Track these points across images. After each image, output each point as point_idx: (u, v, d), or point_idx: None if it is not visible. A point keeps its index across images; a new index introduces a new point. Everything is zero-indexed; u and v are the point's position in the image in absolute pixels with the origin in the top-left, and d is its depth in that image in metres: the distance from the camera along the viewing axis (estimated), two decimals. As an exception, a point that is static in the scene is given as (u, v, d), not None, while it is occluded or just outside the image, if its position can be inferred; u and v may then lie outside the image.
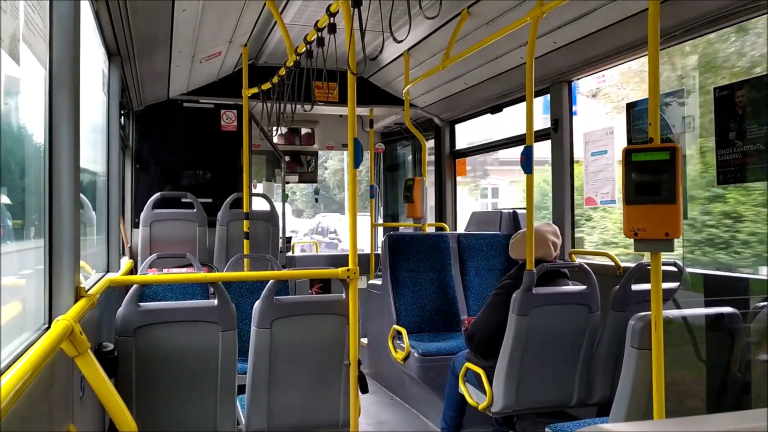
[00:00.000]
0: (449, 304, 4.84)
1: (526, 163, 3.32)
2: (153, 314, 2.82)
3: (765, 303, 2.69)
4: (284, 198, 6.90)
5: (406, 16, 2.91)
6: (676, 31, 3.47)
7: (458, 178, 6.81)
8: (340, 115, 7.20)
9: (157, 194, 5.61)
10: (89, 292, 2.23)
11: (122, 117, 4.96)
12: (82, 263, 2.31)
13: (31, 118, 1.96)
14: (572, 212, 4.67)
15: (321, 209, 23.03)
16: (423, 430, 4.44)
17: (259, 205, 6.01)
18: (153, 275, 3.76)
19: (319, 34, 3.56)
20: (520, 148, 3.37)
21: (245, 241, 5.12)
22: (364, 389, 3.09)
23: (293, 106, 4.34)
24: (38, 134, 1.98)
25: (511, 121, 5.64)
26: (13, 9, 1.54)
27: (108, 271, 4.00)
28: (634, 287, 3.24)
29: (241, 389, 3.05)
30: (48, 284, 2.01)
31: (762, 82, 3.06)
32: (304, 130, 7.86)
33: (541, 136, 4.77)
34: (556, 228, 3.63)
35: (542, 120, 4.94)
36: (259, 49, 5.65)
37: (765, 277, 3.33)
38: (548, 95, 4.77)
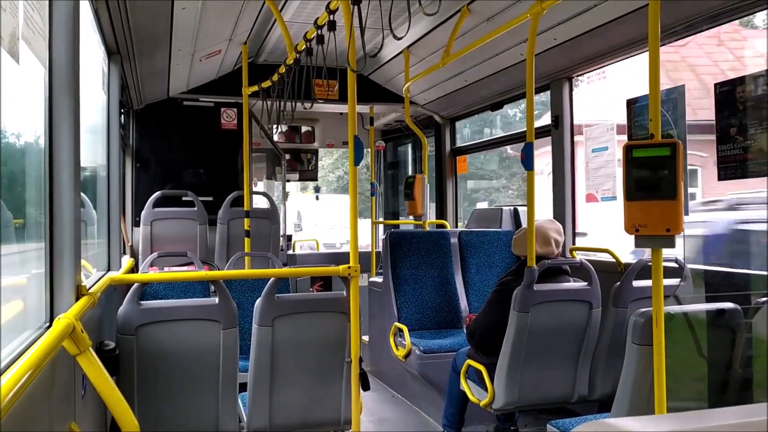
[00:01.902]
0: (450, 301, 4.85)
1: (527, 159, 3.32)
2: (154, 312, 2.82)
3: (766, 299, 2.68)
4: (285, 197, 6.90)
5: (406, 13, 2.90)
6: (677, 27, 3.46)
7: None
8: (341, 113, 7.19)
9: (158, 193, 5.62)
10: (90, 291, 2.24)
11: (122, 115, 4.96)
12: (83, 262, 2.31)
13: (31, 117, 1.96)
14: (573, 209, 4.67)
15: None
16: (424, 428, 4.44)
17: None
18: (154, 273, 3.76)
19: (319, 31, 3.55)
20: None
21: (246, 239, 5.12)
22: (366, 387, 3.10)
23: (293, 104, 4.34)
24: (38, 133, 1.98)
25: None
26: (13, 7, 1.53)
27: (109, 270, 4.00)
28: (635, 283, 3.24)
29: (243, 387, 3.05)
30: (49, 282, 2.01)
31: (763, 78, 3.05)
32: (304, 128, 7.86)
33: (541, 132, 4.77)
34: (560, 225, 3.62)
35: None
36: (259, 47, 5.65)
37: (766, 273, 3.32)
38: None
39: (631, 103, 3.91)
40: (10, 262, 1.75)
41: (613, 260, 4.01)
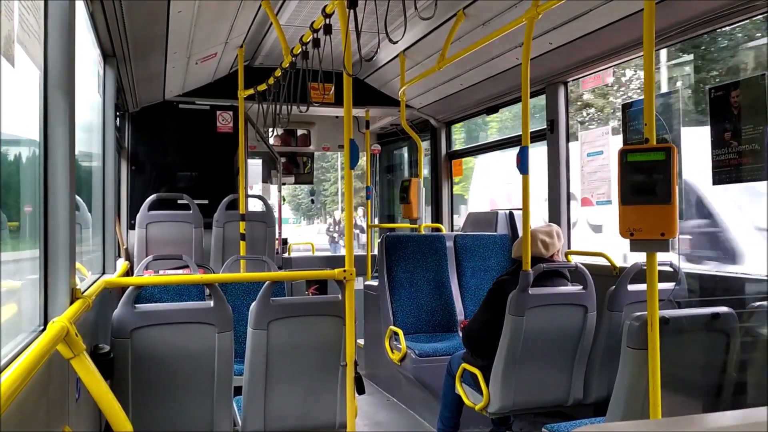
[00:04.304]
0: (446, 304, 4.84)
1: (522, 163, 3.32)
2: (149, 316, 2.81)
3: (761, 303, 2.69)
4: (281, 200, 6.89)
5: (402, 17, 2.91)
6: (672, 31, 3.48)
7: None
8: (336, 117, 7.20)
9: (153, 196, 5.60)
10: (85, 294, 2.23)
11: (117, 118, 4.95)
12: (77, 265, 2.30)
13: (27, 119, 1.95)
14: (568, 213, 4.67)
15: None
16: (419, 431, 4.44)
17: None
18: (149, 277, 3.75)
19: (315, 35, 3.56)
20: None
21: (241, 242, 5.11)
22: (361, 390, 3.09)
23: (289, 107, 4.34)
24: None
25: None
26: (8, 10, 1.53)
27: (104, 273, 3.99)
28: (630, 287, 3.24)
29: (238, 390, 3.05)
30: (43, 285, 2.01)
31: (757, 82, 3.07)
32: (300, 132, 7.86)
33: (536, 137, 4.77)
34: (553, 229, 3.62)
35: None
36: (255, 51, 5.65)
37: (761, 276, 3.33)
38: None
39: (626, 108, 3.92)
40: (4, 265, 1.74)
41: (609, 264, 4.02)
